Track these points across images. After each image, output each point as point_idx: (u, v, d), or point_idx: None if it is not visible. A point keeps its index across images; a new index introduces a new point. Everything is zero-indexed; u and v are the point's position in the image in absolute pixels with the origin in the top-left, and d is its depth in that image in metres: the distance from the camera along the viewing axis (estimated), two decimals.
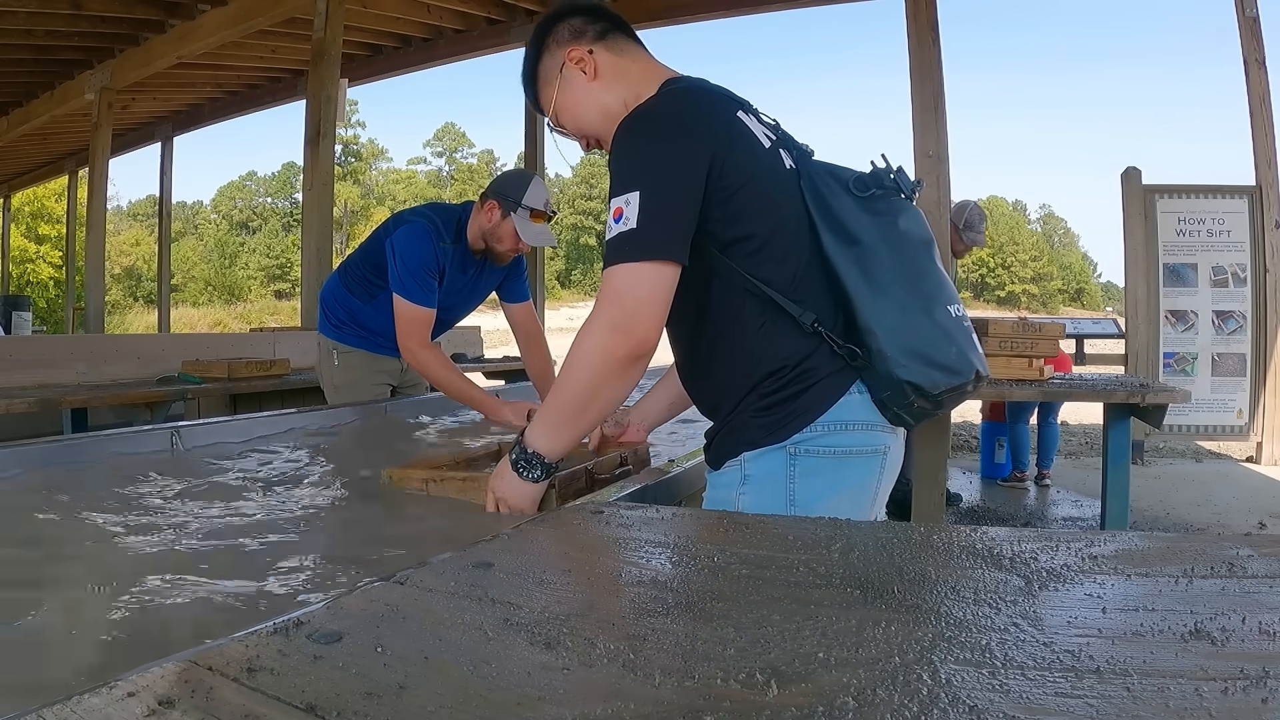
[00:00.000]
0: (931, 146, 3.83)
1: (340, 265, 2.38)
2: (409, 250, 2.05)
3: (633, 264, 0.94)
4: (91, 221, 6.58)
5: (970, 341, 1.07)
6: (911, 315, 1.02)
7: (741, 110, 1.06)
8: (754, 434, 1.03)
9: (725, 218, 1.00)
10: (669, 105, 1.02)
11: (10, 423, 2.71)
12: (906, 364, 1.00)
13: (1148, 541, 0.76)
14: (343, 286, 2.30)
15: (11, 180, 11.73)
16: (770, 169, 1.04)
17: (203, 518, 1.06)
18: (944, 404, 1.06)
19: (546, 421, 1.02)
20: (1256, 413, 4.88)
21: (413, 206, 2.36)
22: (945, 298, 1.06)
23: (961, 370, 1.03)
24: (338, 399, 2.30)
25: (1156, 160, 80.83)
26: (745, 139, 1.02)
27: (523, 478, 1.02)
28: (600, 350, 0.95)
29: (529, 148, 6.12)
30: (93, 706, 0.42)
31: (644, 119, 1.00)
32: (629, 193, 0.95)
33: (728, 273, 1.02)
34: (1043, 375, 2.76)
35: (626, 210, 0.95)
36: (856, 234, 1.03)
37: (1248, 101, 4.69)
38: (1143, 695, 0.43)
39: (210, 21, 5.45)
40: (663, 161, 0.97)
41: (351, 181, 38.56)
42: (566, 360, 0.99)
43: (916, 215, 1.09)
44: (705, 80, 1.10)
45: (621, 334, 0.94)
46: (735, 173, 0.99)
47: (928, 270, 1.06)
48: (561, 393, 1.00)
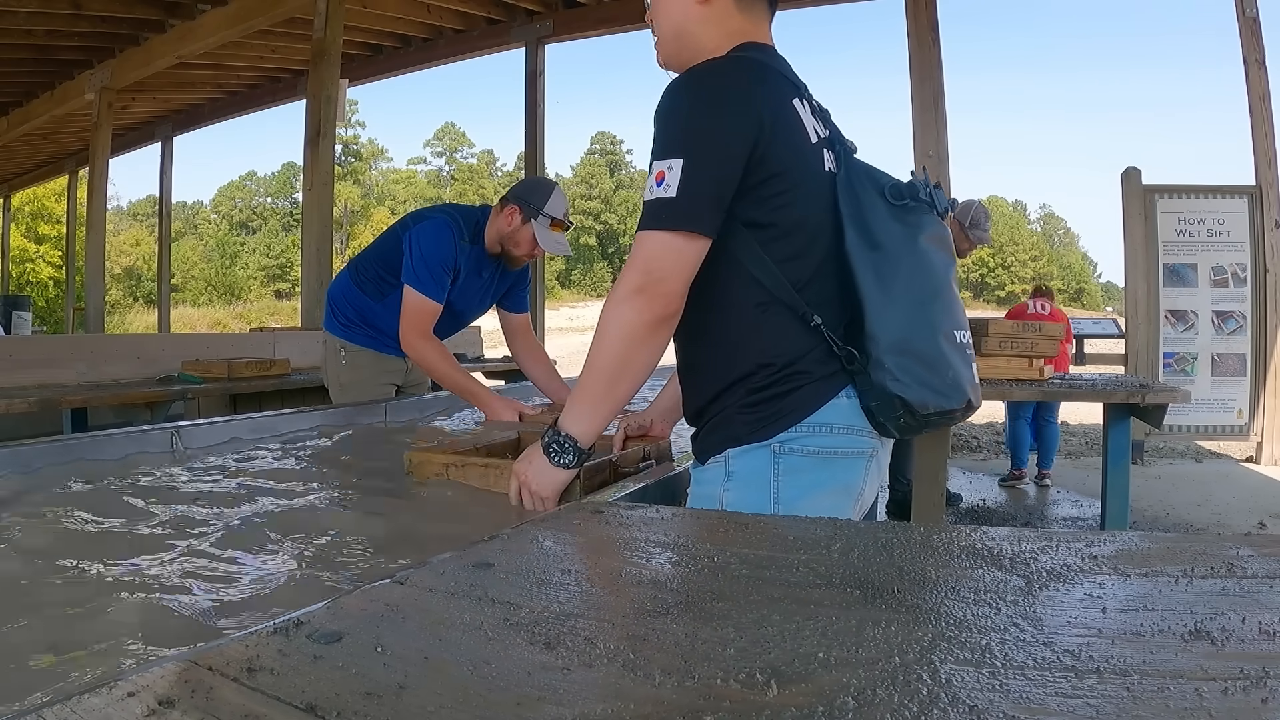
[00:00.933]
0: (931, 146, 3.83)
1: (350, 263, 2.38)
2: (429, 243, 2.07)
3: (666, 233, 0.96)
4: (91, 221, 6.59)
5: (969, 370, 1.06)
6: (916, 331, 1.01)
7: (798, 98, 1.05)
8: (739, 430, 1.03)
9: (752, 201, 1.00)
10: (729, 75, 1.01)
11: (10, 423, 2.71)
12: (901, 378, 1.00)
13: (1148, 541, 0.76)
14: (354, 285, 2.30)
15: (11, 180, 11.74)
16: (809, 166, 1.03)
17: (202, 517, 1.06)
18: (930, 425, 1.05)
19: (580, 402, 1.03)
20: (1256, 413, 4.89)
21: (433, 205, 2.37)
22: (953, 322, 1.06)
23: (953, 396, 1.03)
24: (343, 397, 2.31)
25: (1156, 160, 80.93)
26: (794, 128, 1.02)
27: (554, 463, 1.03)
28: (629, 313, 0.97)
29: (529, 148, 6.13)
30: (93, 706, 0.42)
31: (703, 82, 0.99)
32: (674, 159, 0.96)
33: (740, 253, 1.01)
34: (1043, 375, 2.76)
35: (668, 177, 0.95)
36: (880, 239, 1.02)
37: (1248, 101, 4.70)
38: (1143, 695, 0.43)
39: (210, 21, 5.46)
40: (712, 134, 0.96)
41: (351, 181, 38.56)
42: (595, 335, 1.00)
43: (944, 234, 1.09)
44: (774, 54, 1.09)
45: (648, 297, 0.96)
46: (774, 160, 0.99)
47: (942, 291, 1.05)
48: (592, 367, 1.01)
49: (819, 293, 1.03)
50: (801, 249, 1.02)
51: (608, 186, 41.51)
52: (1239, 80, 4.71)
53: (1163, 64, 64.92)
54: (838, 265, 1.03)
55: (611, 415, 1.05)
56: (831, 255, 1.03)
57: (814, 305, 1.02)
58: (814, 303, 1.02)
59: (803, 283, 1.02)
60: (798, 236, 1.02)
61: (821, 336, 1.02)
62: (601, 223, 40.54)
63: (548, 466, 1.04)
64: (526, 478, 1.05)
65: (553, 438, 1.03)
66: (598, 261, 39.93)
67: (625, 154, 43.53)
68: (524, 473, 1.06)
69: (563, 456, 1.03)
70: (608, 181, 41.67)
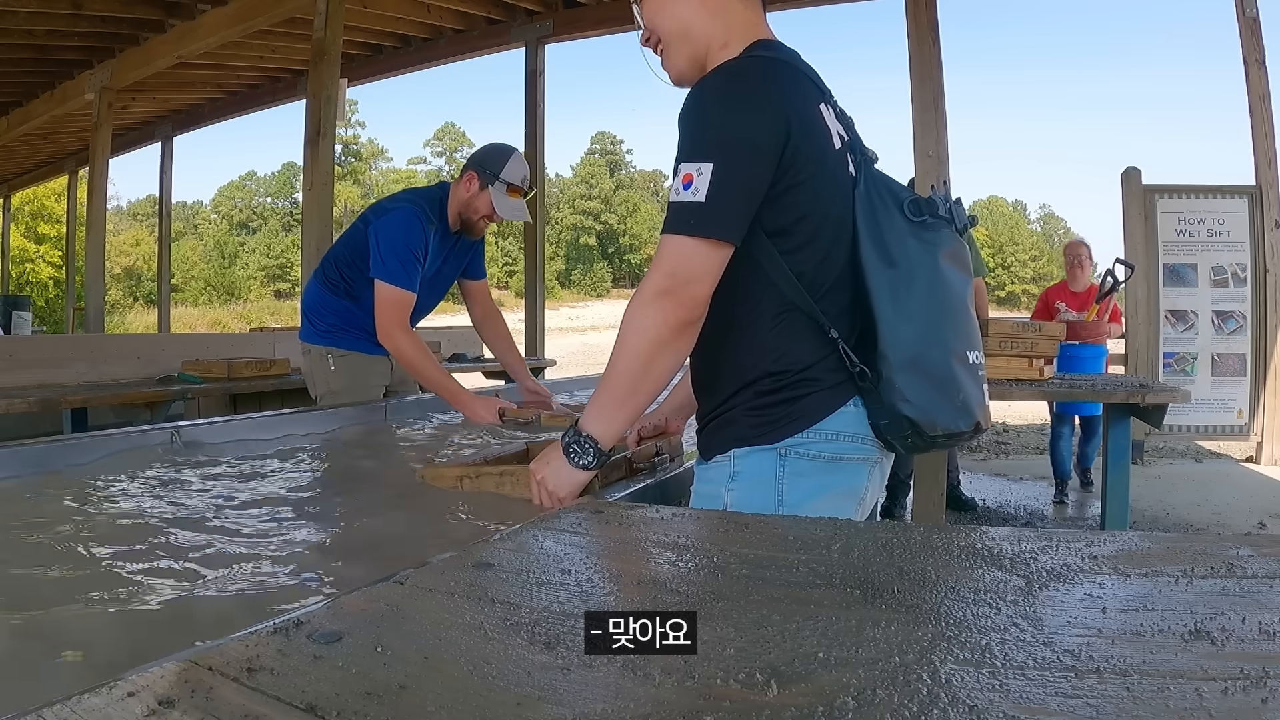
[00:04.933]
0: (931, 146, 3.83)
1: (316, 270, 2.33)
2: (395, 234, 2.05)
3: (692, 238, 0.95)
4: (91, 221, 6.58)
5: (979, 392, 1.06)
6: (928, 351, 1.01)
7: (823, 102, 1.05)
8: (744, 431, 1.03)
9: (775, 206, 0.99)
10: (757, 77, 1.00)
11: (10, 423, 2.71)
12: (911, 400, 0.99)
13: (1148, 541, 0.76)
14: (326, 290, 2.25)
15: (11, 180, 11.72)
16: (832, 173, 1.02)
17: (201, 517, 1.06)
18: (937, 445, 1.05)
19: (601, 402, 1.02)
20: (1256, 413, 4.89)
21: (391, 194, 2.34)
22: (966, 343, 1.05)
23: (962, 418, 1.03)
24: (335, 404, 2.28)
25: (1156, 160, 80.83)
26: (819, 134, 1.01)
27: (573, 464, 1.02)
28: (654, 316, 0.96)
29: (529, 147, 6.11)
30: (93, 706, 0.42)
31: (730, 85, 0.99)
32: (703, 162, 0.95)
33: (761, 257, 1.01)
34: (1043, 375, 2.76)
35: (697, 180, 0.95)
36: (897, 257, 1.01)
37: (1248, 101, 4.70)
38: (1143, 695, 0.43)
39: (210, 21, 5.45)
40: (741, 139, 0.96)
41: (351, 181, 38.54)
42: (619, 336, 0.99)
43: (962, 253, 1.08)
44: (796, 55, 1.08)
45: (674, 301, 0.96)
46: (800, 166, 0.98)
47: (956, 311, 1.04)
48: (615, 368, 1.00)
49: (835, 301, 1.02)
50: (821, 256, 1.02)
51: (608, 186, 41.45)
52: (1239, 80, 4.71)
53: (1163, 63, 64.93)
54: (853, 274, 1.02)
55: (633, 418, 1.05)
56: (848, 264, 1.03)
57: (830, 315, 1.01)
58: (830, 312, 1.02)
59: (821, 291, 1.02)
60: (818, 244, 1.01)
61: (836, 347, 1.01)
62: (601, 223, 40.48)
63: (566, 467, 1.02)
64: (543, 478, 1.04)
65: (572, 438, 1.02)
66: (598, 261, 39.86)
67: (625, 154, 43.49)
68: (541, 473, 1.04)
69: (582, 457, 1.02)
70: (608, 181, 41.60)
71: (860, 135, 1.10)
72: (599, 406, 1.02)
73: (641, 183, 43.07)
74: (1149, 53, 63.72)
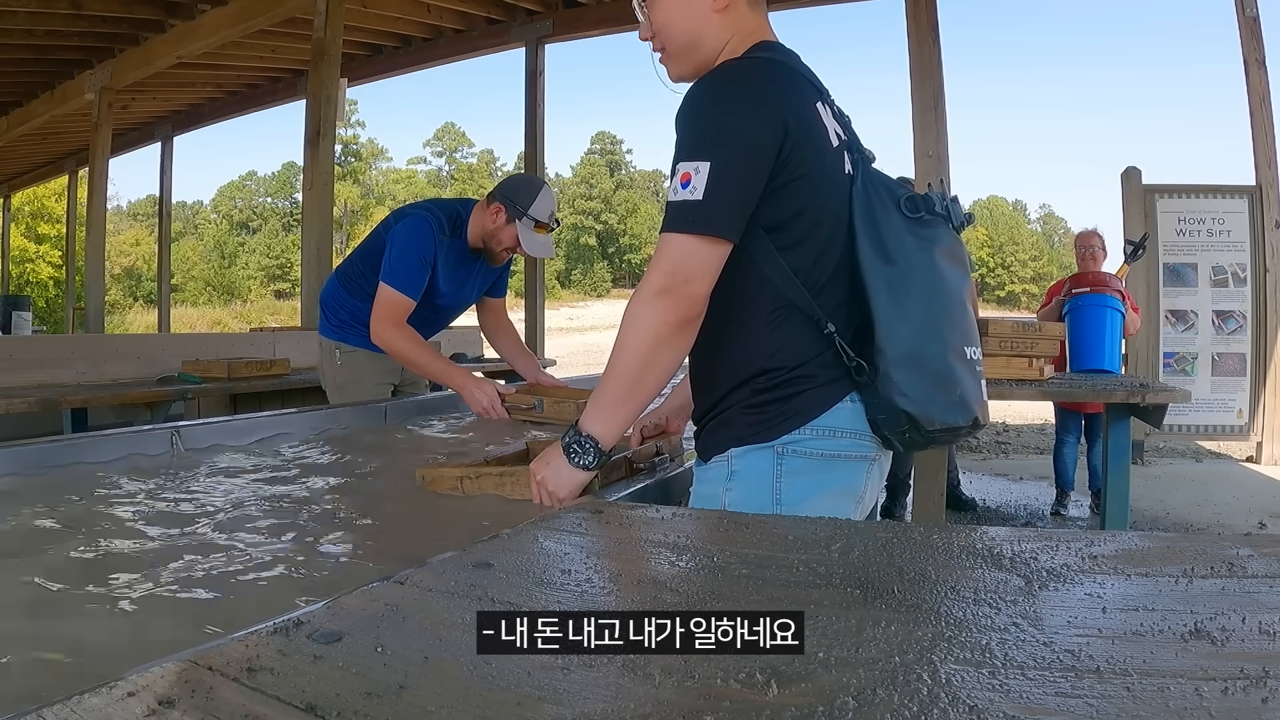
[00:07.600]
0: (931, 146, 3.83)
1: (338, 267, 2.39)
2: (407, 240, 2.08)
3: (690, 236, 0.96)
4: (91, 221, 6.58)
5: (978, 388, 1.06)
6: (926, 347, 1.01)
7: (820, 101, 1.05)
8: (742, 430, 1.03)
9: (772, 203, 0.99)
10: (753, 76, 1.00)
11: (10, 423, 2.71)
12: (908, 394, 0.99)
13: (1148, 541, 0.76)
14: (342, 289, 2.31)
15: (11, 180, 11.73)
16: (829, 171, 1.02)
17: (201, 516, 1.06)
18: (936, 441, 1.05)
19: (601, 402, 1.02)
20: (1256, 413, 4.89)
21: (414, 201, 2.38)
22: (964, 338, 1.05)
23: (960, 414, 1.03)
24: (340, 398, 2.30)
25: (1156, 160, 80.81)
26: (816, 133, 1.01)
27: (573, 464, 1.02)
28: (653, 314, 0.97)
29: (529, 147, 6.12)
30: (93, 706, 0.42)
31: (727, 84, 0.99)
32: (700, 161, 0.95)
33: (757, 254, 1.01)
34: (1043, 375, 2.76)
35: (695, 179, 0.95)
36: (894, 254, 1.02)
37: (1248, 101, 4.70)
38: (1143, 695, 0.43)
39: (210, 21, 5.45)
40: (739, 137, 0.96)
41: (351, 181, 38.53)
42: (618, 336, 1.00)
43: (959, 249, 1.08)
44: (795, 56, 1.08)
45: (673, 299, 0.96)
46: (797, 164, 0.99)
47: (954, 307, 1.05)
48: (615, 368, 1.00)
49: (832, 297, 1.03)
50: (817, 253, 1.02)
51: (608, 186, 41.45)
52: (1239, 80, 4.72)
53: (1163, 63, 64.91)
54: (850, 270, 1.02)
55: (634, 417, 1.05)
56: (845, 260, 1.03)
57: (827, 311, 1.02)
58: (827, 308, 1.02)
59: (817, 287, 1.02)
60: (814, 241, 1.02)
61: (832, 343, 1.02)
62: (601, 223, 40.46)
63: (566, 467, 1.02)
64: (544, 478, 1.04)
65: (573, 438, 1.02)
66: (598, 261, 39.86)
67: (625, 154, 43.49)
68: (541, 473, 1.04)
69: (583, 457, 1.02)
70: (608, 181, 41.60)
71: (858, 134, 1.11)
72: (599, 406, 1.02)
73: (641, 183, 43.08)
74: (1149, 52, 63.75)
